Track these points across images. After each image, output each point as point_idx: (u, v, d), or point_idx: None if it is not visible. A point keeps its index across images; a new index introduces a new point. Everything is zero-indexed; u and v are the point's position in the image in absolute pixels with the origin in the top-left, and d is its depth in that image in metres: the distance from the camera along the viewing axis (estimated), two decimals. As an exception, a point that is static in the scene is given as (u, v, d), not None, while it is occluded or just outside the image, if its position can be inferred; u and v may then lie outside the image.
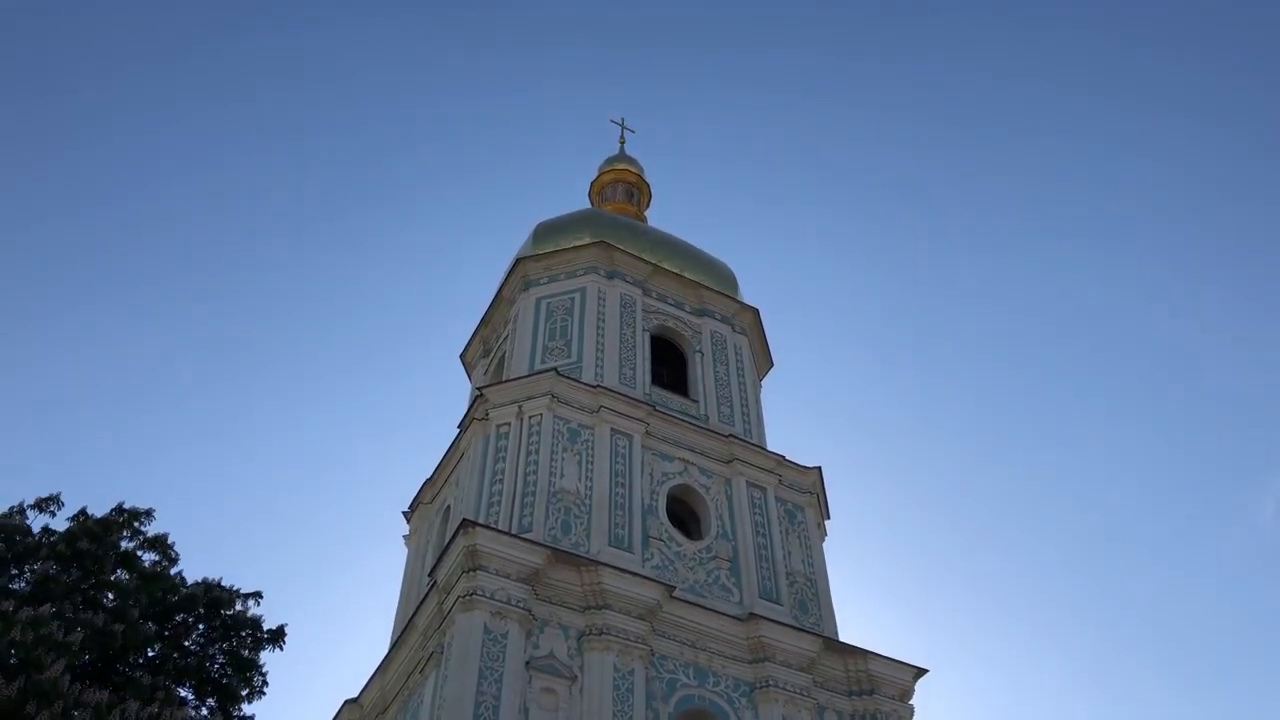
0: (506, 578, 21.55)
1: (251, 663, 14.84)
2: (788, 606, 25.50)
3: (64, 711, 10.46)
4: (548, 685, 20.88)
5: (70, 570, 13.45)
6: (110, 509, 14.66)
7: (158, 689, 12.37)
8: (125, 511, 14.67)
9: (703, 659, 23.18)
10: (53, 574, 13.18)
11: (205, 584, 15.04)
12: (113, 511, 14.63)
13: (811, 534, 28.39)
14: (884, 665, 24.72)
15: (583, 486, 25.34)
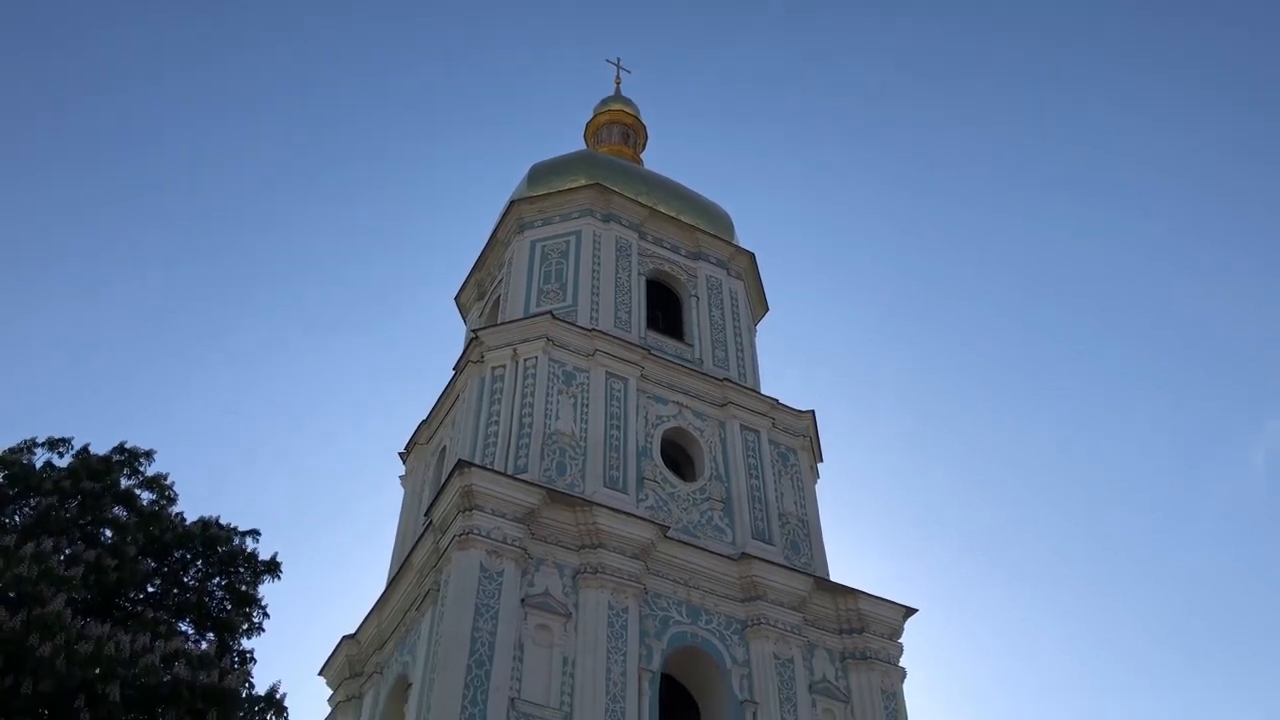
0: (502, 517, 21.79)
1: (250, 597, 15.02)
2: (780, 547, 25.84)
3: (66, 644, 10.64)
4: (543, 622, 21.23)
5: (69, 507, 13.58)
6: (111, 448, 14.75)
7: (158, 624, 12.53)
8: (126, 451, 14.76)
9: (695, 597, 23.55)
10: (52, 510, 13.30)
11: (203, 522, 15.17)
12: (114, 451, 14.72)
13: (804, 476, 28.67)
14: (874, 604, 25.14)
15: (578, 429, 25.50)
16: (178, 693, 10.96)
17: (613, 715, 20.28)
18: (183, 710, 10.97)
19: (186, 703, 10.99)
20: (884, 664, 24.44)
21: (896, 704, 24.03)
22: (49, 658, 10.14)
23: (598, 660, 20.90)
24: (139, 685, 10.77)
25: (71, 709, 10.27)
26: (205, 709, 11.14)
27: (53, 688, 10.18)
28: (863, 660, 24.31)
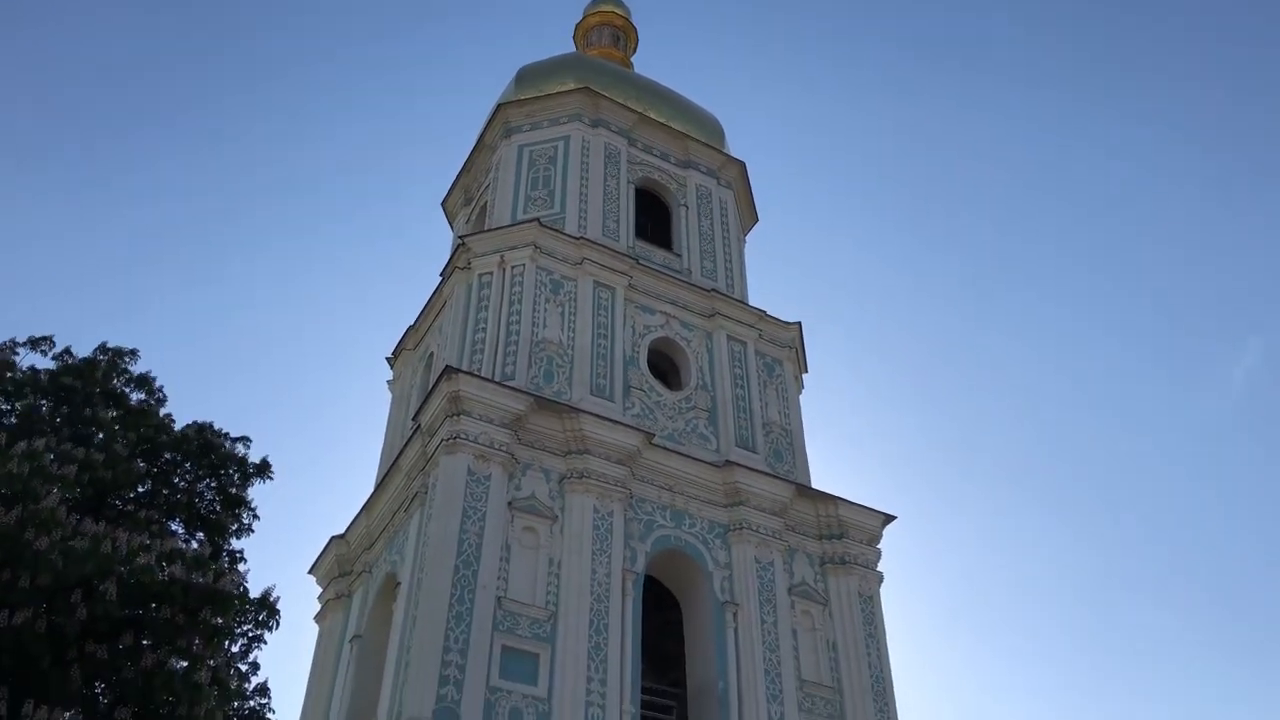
0: (489, 423, 22.01)
1: (240, 499, 15.19)
2: (763, 455, 26.25)
3: (63, 539, 10.80)
4: (529, 524, 21.65)
5: (58, 407, 13.61)
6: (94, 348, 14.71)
7: (151, 523, 12.70)
8: (109, 350, 14.70)
9: (680, 502, 24.01)
10: (40, 410, 13.33)
11: (196, 425, 15.24)
12: (96, 350, 14.66)
13: (789, 386, 28.96)
14: (854, 511, 25.70)
15: (565, 337, 25.57)
16: (172, 592, 11.18)
17: (597, 615, 20.87)
18: (177, 609, 11.21)
19: (181, 602, 11.23)
20: (862, 568, 25.12)
21: (873, 607, 24.77)
22: (45, 553, 10.33)
23: (583, 562, 21.40)
24: (135, 583, 11.00)
25: (69, 604, 10.52)
26: (200, 608, 11.40)
27: (50, 582, 10.40)
28: (841, 565, 24.97)
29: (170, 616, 10.94)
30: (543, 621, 20.44)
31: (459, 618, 19.34)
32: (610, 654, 20.52)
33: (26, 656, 10.23)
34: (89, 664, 10.47)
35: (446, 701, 18.29)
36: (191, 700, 10.48)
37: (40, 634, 10.17)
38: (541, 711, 19.35)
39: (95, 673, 10.69)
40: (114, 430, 13.61)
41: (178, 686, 10.39)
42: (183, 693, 10.43)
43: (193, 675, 10.72)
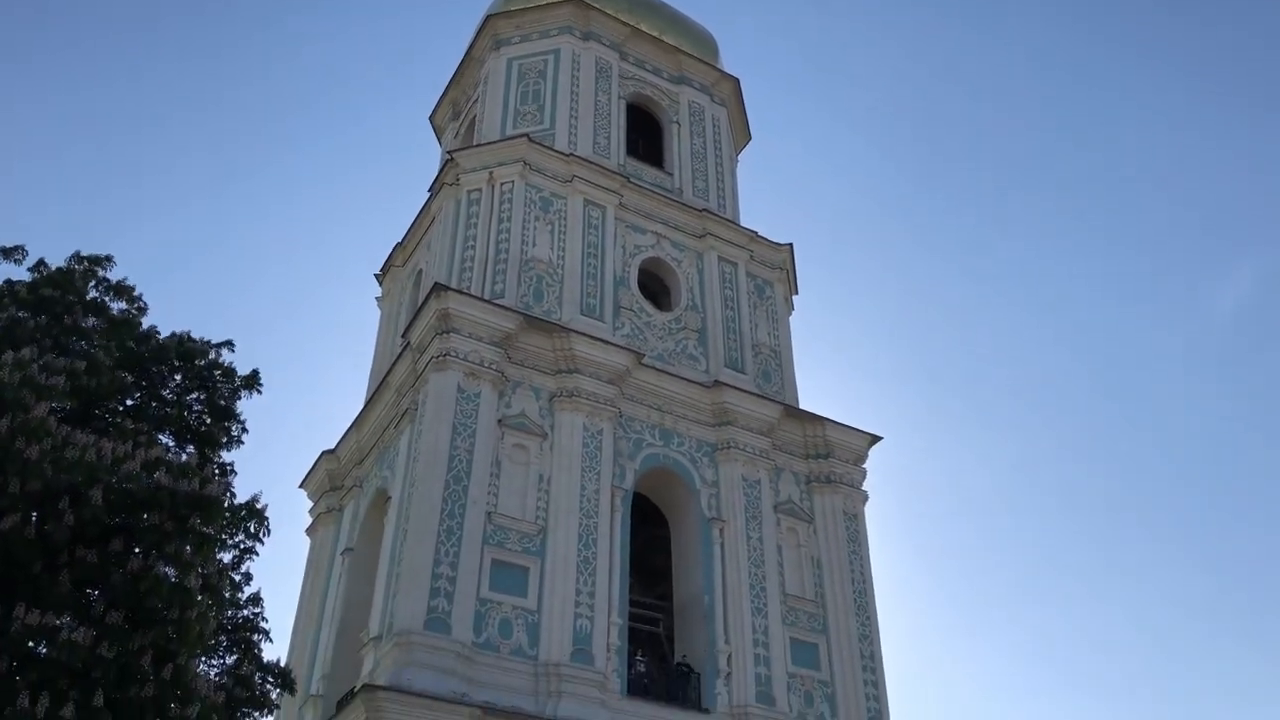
0: (479, 341, 21.97)
1: (229, 411, 15.14)
2: (752, 375, 26.35)
3: (53, 448, 10.81)
4: (519, 441, 21.79)
5: (38, 317, 13.48)
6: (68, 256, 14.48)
7: (140, 434, 12.69)
8: (84, 259, 14.48)
9: (669, 421, 24.16)
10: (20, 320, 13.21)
11: (178, 336, 15.10)
12: (71, 259, 14.44)
13: (779, 308, 28.93)
14: (840, 431, 25.92)
15: (555, 256, 25.38)
16: (159, 499, 11.23)
17: (586, 530, 21.15)
18: (165, 515, 11.26)
19: (168, 508, 11.28)
20: (847, 487, 25.44)
21: (857, 525, 25.16)
22: (36, 461, 10.35)
23: (572, 478, 21.61)
24: (121, 490, 11.04)
25: (57, 510, 10.57)
26: (188, 514, 11.46)
27: (40, 489, 10.44)
28: (827, 484, 25.28)
29: (158, 523, 11.00)
30: (532, 536, 20.71)
31: (449, 532, 19.58)
32: (599, 568, 20.86)
33: (17, 562, 10.35)
34: (79, 569, 10.58)
35: (438, 612, 18.62)
36: (182, 605, 10.63)
37: (30, 540, 10.26)
38: (531, 622, 19.73)
39: (86, 578, 10.81)
40: (97, 340, 13.51)
41: (166, 591, 10.51)
42: (173, 597, 10.57)
43: (183, 581, 10.85)
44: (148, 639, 10.43)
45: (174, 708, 10.24)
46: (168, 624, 10.66)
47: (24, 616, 9.79)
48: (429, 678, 17.57)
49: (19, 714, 9.09)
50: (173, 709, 10.22)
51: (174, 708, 10.24)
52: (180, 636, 10.67)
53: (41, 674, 9.60)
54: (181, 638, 10.67)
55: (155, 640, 10.50)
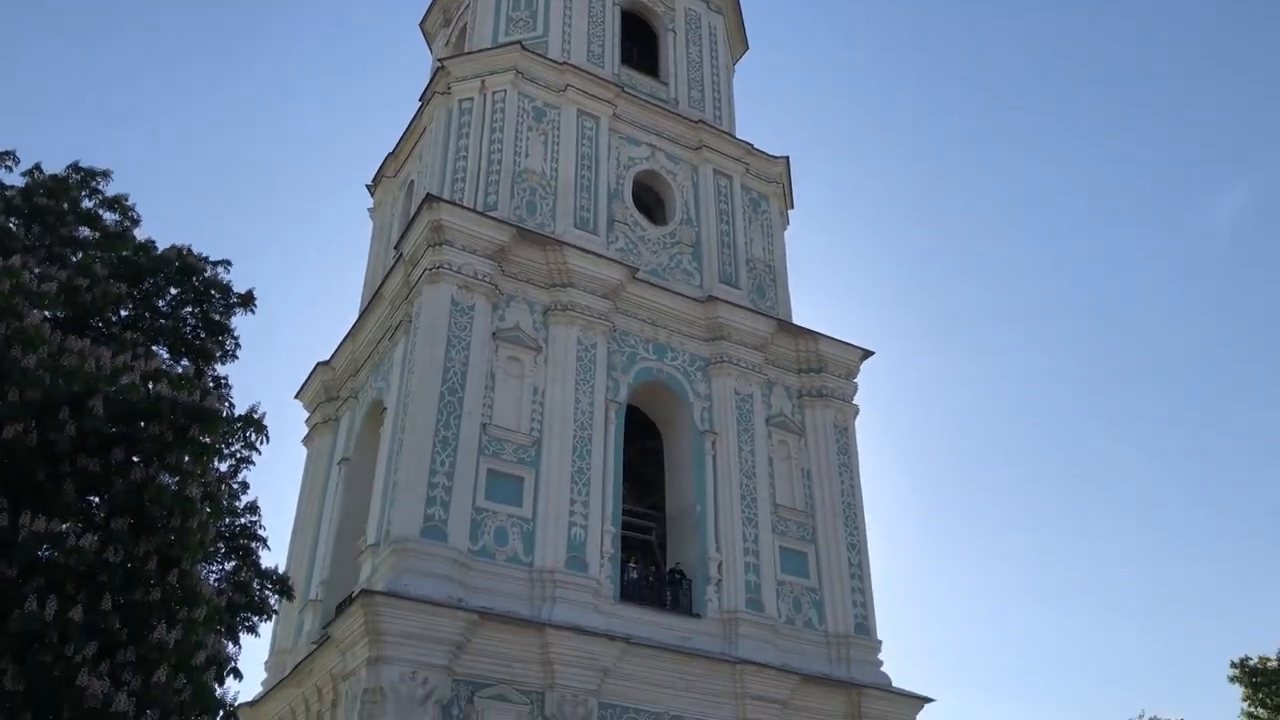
0: (472, 253, 21.88)
1: (223, 326, 15.13)
2: (746, 290, 26.36)
3: (50, 356, 10.82)
4: (513, 354, 21.90)
5: (30, 226, 13.37)
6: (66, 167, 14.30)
7: (135, 345, 12.70)
8: (82, 170, 14.32)
9: (662, 336, 24.26)
10: (12, 229, 13.10)
11: (175, 249, 15.01)
12: (68, 169, 14.28)
13: (774, 222, 28.79)
14: (832, 346, 26.08)
15: (548, 167, 25.10)
16: (160, 409, 11.31)
17: (580, 441, 21.43)
18: (165, 426, 11.36)
19: (169, 419, 11.37)
20: (839, 401, 25.72)
21: (847, 438, 25.52)
22: (34, 369, 10.38)
23: (566, 391, 21.80)
24: (121, 400, 11.11)
25: (58, 419, 10.66)
26: (187, 426, 11.56)
27: (39, 398, 10.50)
28: (819, 397, 25.55)
29: (159, 433, 11.10)
30: (527, 447, 20.99)
31: (445, 443, 19.82)
32: (593, 478, 21.20)
33: (20, 470, 10.48)
34: (82, 477, 10.71)
35: (434, 521, 18.98)
36: (183, 514, 10.81)
37: (32, 448, 10.37)
38: (526, 530, 20.14)
39: (89, 486, 10.97)
40: (91, 252, 13.42)
41: (168, 500, 10.68)
42: (174, 506, 10.74)
43: (184, 490, 11.02)
44: (152, 545, 10.64)
45: (180, 611, 10.49)
46: (170, 531, 10.84)
47: (30, 523, 9.95)
48: (426, 584, 18.00)
49: (27, 617, 9.31)
50: (178, 612, 10.48)
51: (180, 611, 10.49)
52: (182, 543, 10.86)
53: (49, 578, 9.82)
54: (184, 544, 10.87)
55: (159, 546, 10.71)
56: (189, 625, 10.45)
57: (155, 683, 9.77)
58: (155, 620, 10.28)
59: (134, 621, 10.23)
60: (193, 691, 10.27)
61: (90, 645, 9.57)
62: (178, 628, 10.28)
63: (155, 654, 9.98)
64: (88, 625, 9.67)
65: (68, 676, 9.33)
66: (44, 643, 9.39)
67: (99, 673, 9.47)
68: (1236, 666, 24.34)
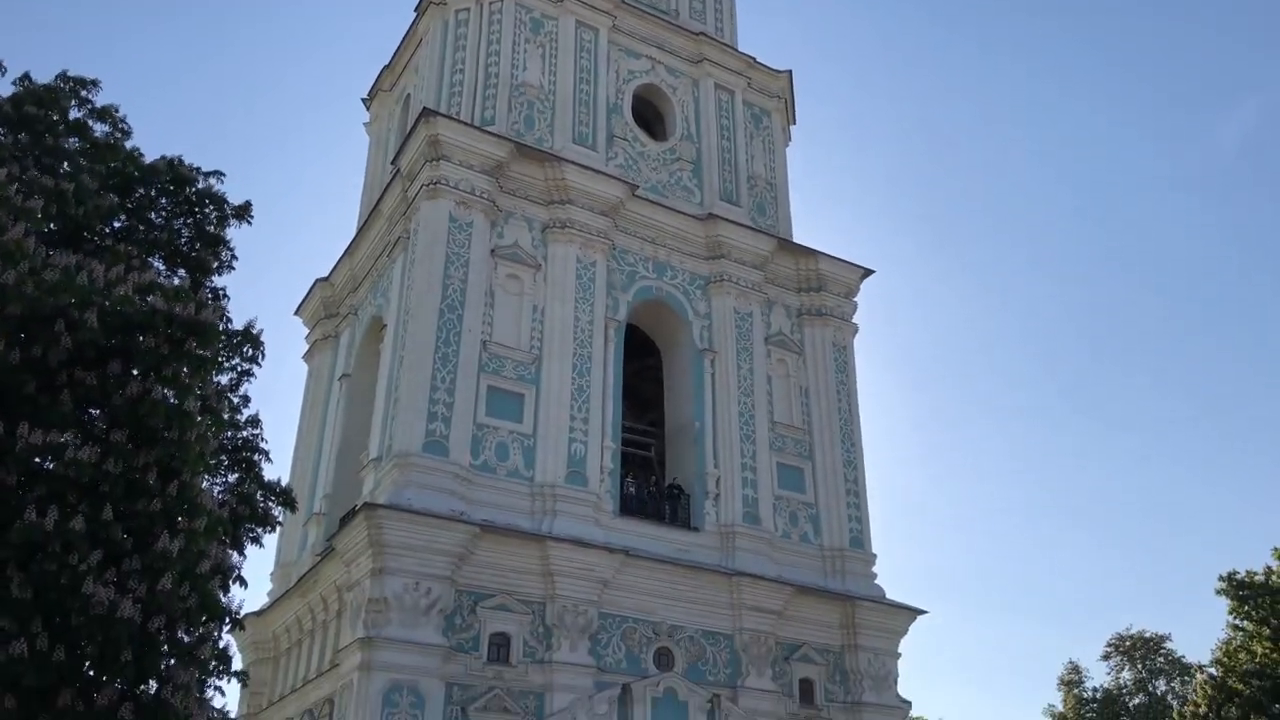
0: (469, 169, 21.60)
1: (219, 238, 14.97)
2: (746, 208, 26.09)
3: (32, 271, 10.70)
4: (512, 272, 21.79)
5: (19, 135, 13.12)
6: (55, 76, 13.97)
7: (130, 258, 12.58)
8: (70, 79, 14.00)
9: (662, 254, 24.11)
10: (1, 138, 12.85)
11: (166, 159, 14.76)
12: (57, 78, 13.96)
13: (776, 139, 28.35)
14: (832, 265, 25.93)
15: (546, 81, 24.62)
16: (155, 322, 11.24)
17: (580, 359, 21.47)
18: (161, 339, 11.30)
19: (164, 332, 11.30)
20: (838, 320, 25.68)
21: (846, 356, 25.55)
22: (14, 284, 10.26)
23: (566, 309, 21.76)
24: (116, 313, 11.04)
25: (51, 333, 10.62)
26: (183, 338, 11.51)
27: (24, 312, 10.42)
28: (818, 316, 25.50)
29: (155, 346, 11.06)
30: (527, 364, 21.04)
31: (445, 359, 19.87)
32: (592, 395, 21.30)
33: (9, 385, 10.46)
34: (79, 390, 10.73)
35: (435, 436, 19.14)
36: (182, 426, 10.84)
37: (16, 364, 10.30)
38: (527, 446, 20.32)
39: (87, 399, 11.00)
40: (81, 163, 13.21)
41: (165, 412, 10.68)
42: (172, 419, 10.75)
43: (182, 404, 11.02)
44: (152, 457, 10.68)
45: (181, 521, 10.60)
46: (169, 444, 10.86)
47: (28, 435, 9.99)
48: (428, 497, 18.24)
49: (28, 526, 9.40)
50: (180, 522, 10.58)
51: (181, 521, 10.60)
52: (182, 455, 10.90)
53: (50, 488, 9.89)
54: (183, 456, 10.91)
55: (159, 458, 10.76)
56: (191, 535, 10.55)
57: (160, 590, 9.90)
58: (158, 530, 10.39)
59: (137, 532, 10.35)
60: (198, 599, 10.42)
61: (95, 554, 9.68)
62: (180, 537, 10.39)
63: (160, 563, 10.09)
64: (91, 535, 9.77)
65: (73, 584, 9.45)
66: (48, 552, 9.50)
67: (105, 581, 9.61)
68: (1224, 580, 24.77)
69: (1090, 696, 49.58)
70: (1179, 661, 47.69)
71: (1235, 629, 24.51)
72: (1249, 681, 23.00)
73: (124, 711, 9.61)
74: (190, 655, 10.49)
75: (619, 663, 19.32)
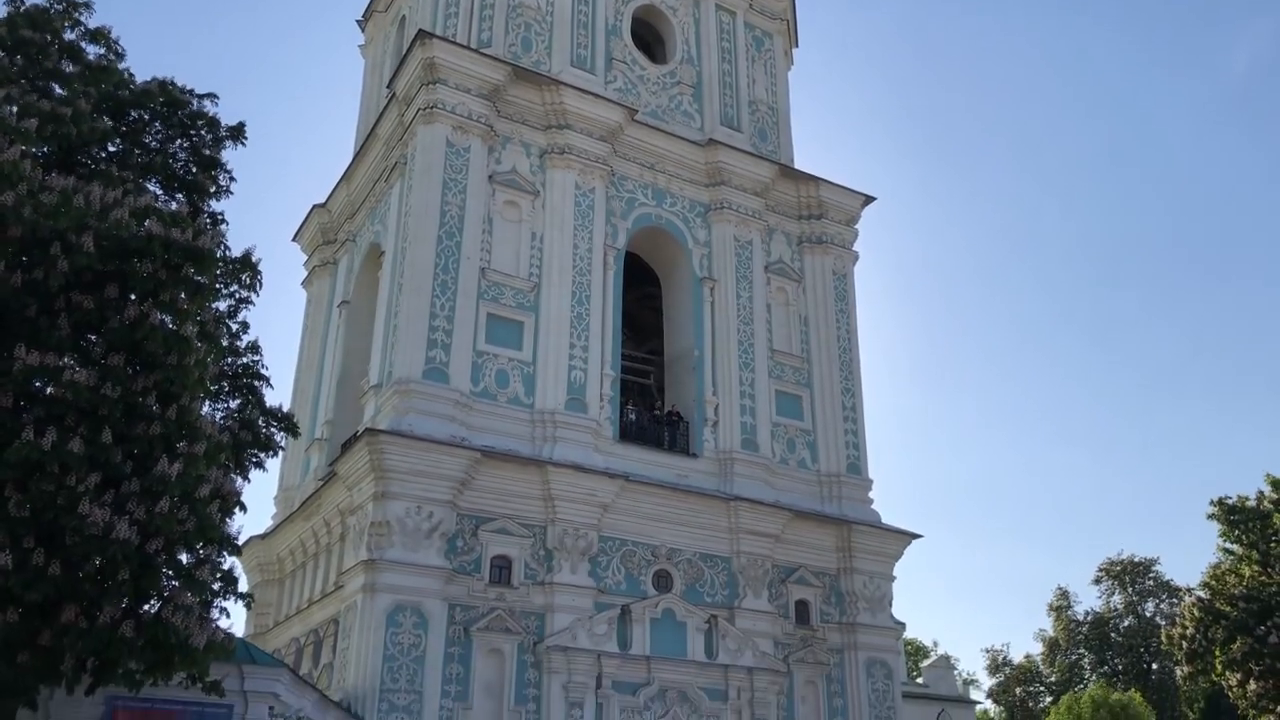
0: (467, 92, 21.28)
1: (215, 161, 14.82)
2: (747, 134, 25.77)
3: (30, 193, 10.61)
4: (511, 199, 21.62)
5: (14, 57, 12.89)
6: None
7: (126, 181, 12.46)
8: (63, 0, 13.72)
9: (661, 181, 23.89)
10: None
11: (160, 82, 14.54)
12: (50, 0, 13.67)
13: (778, 62, 27.88)
14: (834, 192, 25.72)
15: (543, 1, 24.12)
16: (152, 247, 11.18)
17: (579, 287, 21.43)
18: (158, 264, 11.26)
19: (161, 257, 11.25)
20: (838, 248, 25.56)
21: (846, 285, 25.50)
22: (13, 206, 10.20)
23: (565, 236, 21.64)
24: (113, 237, 10.97)
25: (49, 256, 10.58)
26: (181, 264, 11.46)
27: (24, 234, 10.37)
28: (818, 244, 25.38)
29: (152, 271, 11.03)
30: (526, 292, 21.02)
31: (444, 286, 19.84)
32: (592, 323, 21.32)
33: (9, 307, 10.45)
34: (77, 314, 10.73)
35: (435, 363, 19.22)
36: (180, 351, 10.85)
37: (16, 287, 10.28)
38: (527, 374, 20.41)
39: (85, 323, 11.01)
40: (75, 86, 13.01)
41: (163, 337, 10.68)
42: (170, 344, 10.75)
43: (180, 329, 11.01)
44: (150, 381, 10.73)
45: (181, 445, 10.68)
46: (168, 368, 10.89)
47: (25, 357, 10.01)
48: (429, 423, 18.39)
49: (26, 445, 9.47)
50: (180, 447, 10.66)
51: (181, 445, 10.68)
52: (181, 380, 10.94)
53: (47, 410, 9.95)
54: (182, 381, 10.95)
55: (158, 383, 10.79)
56: (191, 459, 10.64)
57: (159, 513, 10.02)
58: (157, 454, 10.48)
59: (137, 456, 10.44)
60: (196, 523, 10.55)
61: (93, 476, 9.79)
62: (179, 461, 10.48)
63: (158, 486, 10.19)
64: (90, 458, 9.86)
65: (70, 505, 9.58)
66: (45, 472, 9.61)
67: (101, 502, 9.72)
68: (1216, 505, 25.11)
69: (1081, 620, 50.72)
70: (1168, 584, 48.69)
71: (1225, 553, 24.95)
72: (1236, 604, 23.48)
73: (125, 629, 9.84)
74: (190, 577, 10.70)
75: (619, 584, 19.70)
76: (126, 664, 10.08)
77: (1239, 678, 23.36)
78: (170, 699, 11.72)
